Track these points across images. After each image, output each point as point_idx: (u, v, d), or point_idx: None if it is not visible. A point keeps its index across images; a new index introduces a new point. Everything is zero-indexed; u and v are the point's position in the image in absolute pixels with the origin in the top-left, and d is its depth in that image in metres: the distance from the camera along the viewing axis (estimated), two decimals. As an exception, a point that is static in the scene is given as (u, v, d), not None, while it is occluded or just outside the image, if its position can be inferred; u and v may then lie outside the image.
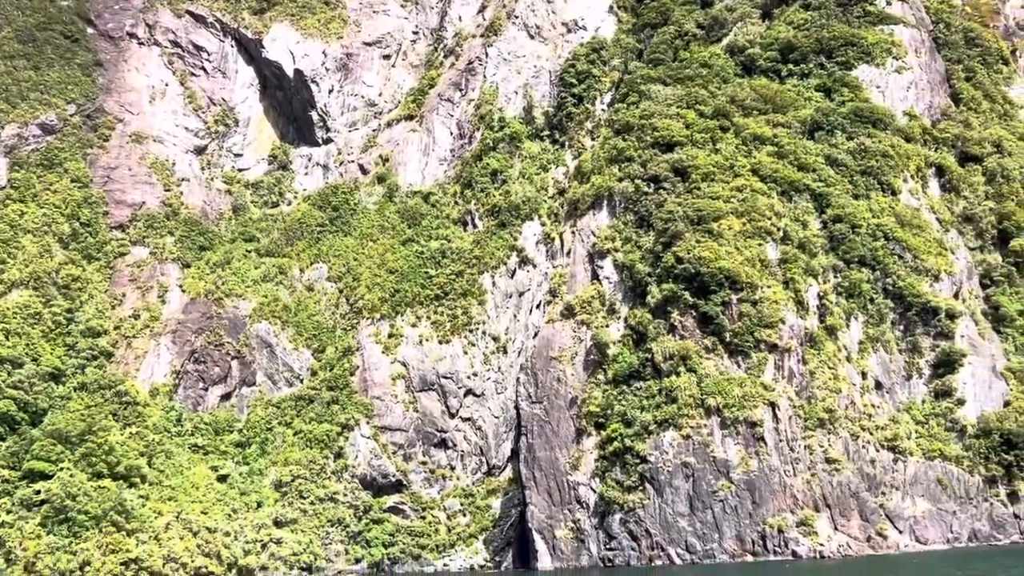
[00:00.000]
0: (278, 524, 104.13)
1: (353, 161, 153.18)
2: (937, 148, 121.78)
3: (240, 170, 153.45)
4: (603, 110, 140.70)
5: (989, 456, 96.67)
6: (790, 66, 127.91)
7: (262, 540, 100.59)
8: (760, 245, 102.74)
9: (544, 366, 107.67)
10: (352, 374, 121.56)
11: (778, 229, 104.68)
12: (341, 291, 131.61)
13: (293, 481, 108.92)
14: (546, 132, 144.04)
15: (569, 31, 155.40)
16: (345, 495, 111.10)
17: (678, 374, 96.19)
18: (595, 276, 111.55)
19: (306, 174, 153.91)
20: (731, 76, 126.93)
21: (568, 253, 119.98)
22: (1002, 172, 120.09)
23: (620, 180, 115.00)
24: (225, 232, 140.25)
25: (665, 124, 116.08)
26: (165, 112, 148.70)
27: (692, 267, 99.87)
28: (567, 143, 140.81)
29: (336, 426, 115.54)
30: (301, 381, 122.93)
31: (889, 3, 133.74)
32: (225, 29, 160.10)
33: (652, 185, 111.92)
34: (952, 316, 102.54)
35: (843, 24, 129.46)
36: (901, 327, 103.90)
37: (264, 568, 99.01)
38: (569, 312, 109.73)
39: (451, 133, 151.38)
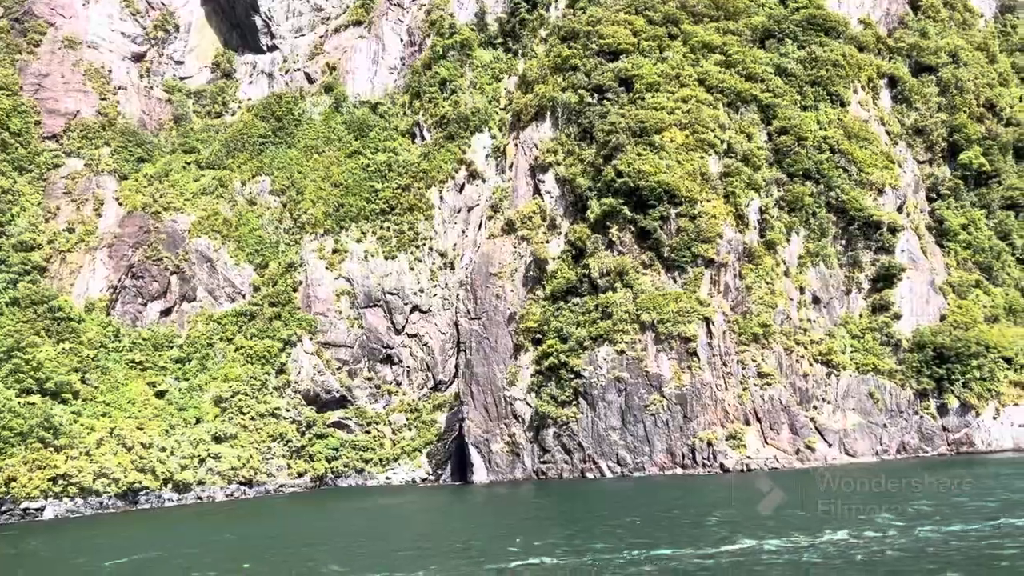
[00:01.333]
0: (217, 439, 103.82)
1: (299, 69, 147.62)
2: (891, 58, 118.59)
3: (181, 78, 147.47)
4: (558, 16, 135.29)
5: (921, 370, 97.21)
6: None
7: (199, 455, 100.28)
8: (702, 158, 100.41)
9: (484, 282, 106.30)
10: (295, 290, 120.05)
11: (722, 142, 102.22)
12: (284, 205, 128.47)
13: (233, 397, 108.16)
14: (499, 40, 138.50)
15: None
16: (288, 411, 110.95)
17: (614, 290, 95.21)
18: (537, 190, 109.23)
19: (250, 83, 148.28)
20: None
21: (511, 166, 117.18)
22: (956, 83, 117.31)
23: (564, 90, 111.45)
24: (164, 143, 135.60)
25: (611, 31, 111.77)
26: (100, 16, 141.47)
27: (632, 181, 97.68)
28: (520, 52, 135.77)
29: (278, 342, 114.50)
30: (243, 297, 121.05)
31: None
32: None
33: (596, 95, 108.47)
34: (893, 230, 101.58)
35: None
36: (843, 241, 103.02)
37: (201, 483, 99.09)
38: (510, 227, 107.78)
39: (401, 40, 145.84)
